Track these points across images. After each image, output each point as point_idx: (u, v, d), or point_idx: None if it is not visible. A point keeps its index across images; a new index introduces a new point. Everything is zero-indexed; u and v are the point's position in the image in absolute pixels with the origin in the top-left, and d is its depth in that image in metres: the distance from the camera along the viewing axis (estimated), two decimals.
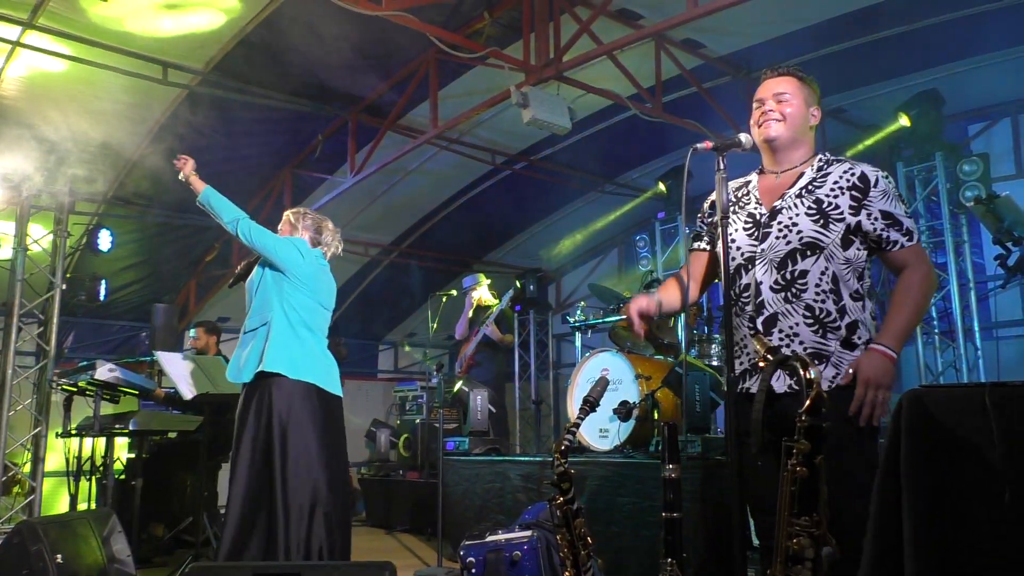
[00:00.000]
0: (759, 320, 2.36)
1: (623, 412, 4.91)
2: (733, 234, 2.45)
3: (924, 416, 1.98)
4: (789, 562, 1.86)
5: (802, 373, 1.91)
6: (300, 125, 7.12)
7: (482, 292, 7.89)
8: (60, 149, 6.08)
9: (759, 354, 2.06)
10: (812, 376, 1.90)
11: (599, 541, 2.65)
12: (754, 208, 2.46)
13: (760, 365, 2.07)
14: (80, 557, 4.21)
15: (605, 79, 6.15)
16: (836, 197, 2.33)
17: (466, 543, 3.39)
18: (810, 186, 2.38)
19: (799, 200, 2.37)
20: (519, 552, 3.20)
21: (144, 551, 5.47)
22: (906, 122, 6.51)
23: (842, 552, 1.85)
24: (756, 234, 2.41)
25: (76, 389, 5.46)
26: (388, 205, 8.65)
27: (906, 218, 2.34)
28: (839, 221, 2.31)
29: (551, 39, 5.56)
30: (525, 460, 5.43)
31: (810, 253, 2.32)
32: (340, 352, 10.41)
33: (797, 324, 2.31)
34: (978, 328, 6.49)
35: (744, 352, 2.42)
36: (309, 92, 6.62)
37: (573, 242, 9.45)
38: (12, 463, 5.84)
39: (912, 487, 1.94)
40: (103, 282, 6.99)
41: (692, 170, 2.39)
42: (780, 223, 2.37)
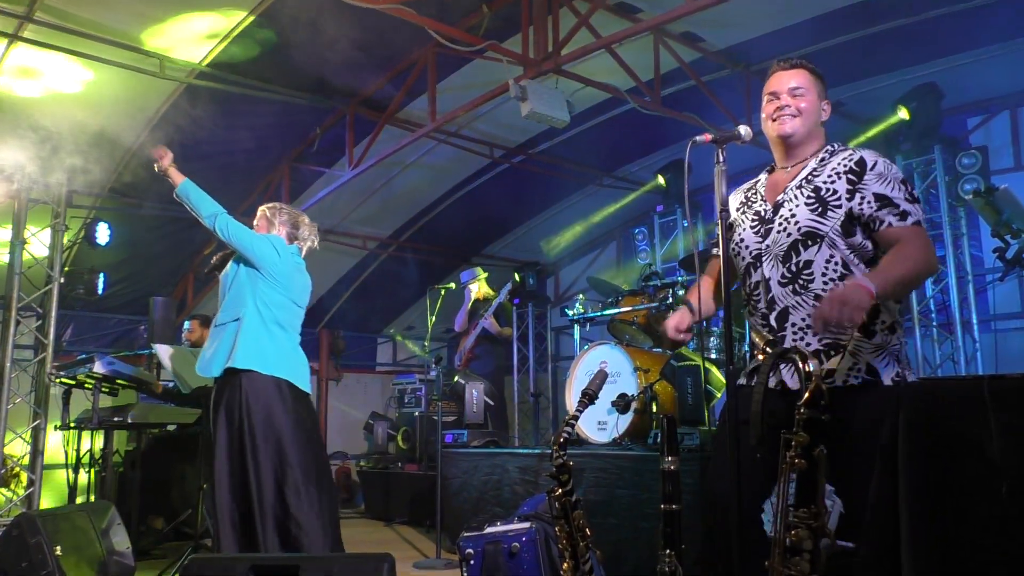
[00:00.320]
0: (772, 316, 2.33)
1: (621, 405, 4.92)
2: (741, 233, 2.45)
3: (922, 408, 1.99)
4: (787, 553, 1.87)
5: (801, 366, 1.92)
6: (298, 118, 7.10)
7: (480, 286, 7.89)
8: (57, 141, 6.08)
9: (759, 348, 2.06)
10: (811, 369, 1.90)
11: (597, 533, 2.65)
12: (760, 206, 2.44)
13: (760, 358, 2.08)
14: (79, 549, 4.21)
15: (604, 72, 6.14)
16: (833, 183, 2.30)
17: (465, 535, 3.40)
18: (810, 176, 2.36)
19: (799, 191, 2.35)
20: (518, 544, 3.21)
21: (143, 543, 5.48)
22: (905, 115, 6.50)
23: (841, 544, 1.86)
24: (760, 231, 2.40)
25: (75, 382, 5.46)
26: (386, 198, 8.63)
27: (906, 202, 2.24)
28: (837, 208, 2.27)
29: (549, 32, 5.55)
30: (523, 452, 5.44)
31: (811, 242, 2.28)
32: (338, 345, 10.49)
33: (808, 316, 2.26)
34: (976, 321, 6.50)
35: (755, 349, 2.40)
36: (307, 85, 6.61)
37: (571, 235, 9.44)
38: (11, 456, 5.85)
39: (910, 479, 1.95)
40: (101, 275, 6.99)
41: (692, 163, 2.39)
42: (781, 216, 2.36)
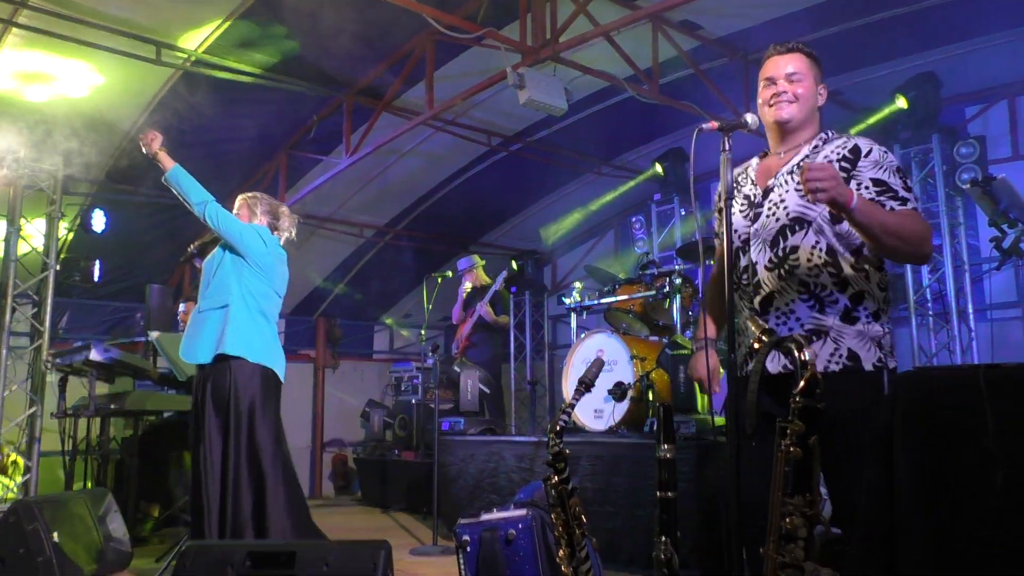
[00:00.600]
0: (756, 300, 2.36)
1: (618, 393, 4.94)
2: (732, 217, 2.45)
3: (918, 397, 1.99)
4: (782, 540, 1.88)
5: (797, 354, 1.92)
6: (295, 106, 7.07)
7: (477, 273, 7.90)
8: (51, 126, 6.06)
9: (754, 336, 2.07)
10: (807, 357, 1.91)
11: (593, 520, 2.67)
12: (749, 190, 2.45)
13: (755, 347, 2.08)
14: (76, 536, 4.23)
15: (602, 60, 6.12)
16: None
17: (461, 522, 3.41)
18: (802, 162, 2.35)
19: (789, 176, 2.36)
20: (514, 531, 3.22)
21: (140, 530, 5.50)
22: (904, 104, 6.49)
23: (835, 532, 1.87)
24: (750, 215, 2.41)
25: (71, 369, 5.46)
26: (383, 186, 8.61)
27: (902, 188, 2.26)
28: None
29: (547, 20, 5.52)
30: (520, 440, 5.46)
31: (799, 228, 2.30)
32: (335, 333, 10.48)
33: (793, 301, 2.30)
34: (972, 310, 6.51)
35: (745, 334, 2.41)
36: (305, 73, 6.58)
37: (569, 224, 9.43)
38: (8, 443, 5.85)
39: (905, 468, 1.96)
40: (97, 263, 6.97)
41: (688, 152, 2.39)
42: (771, 201, 2.37)
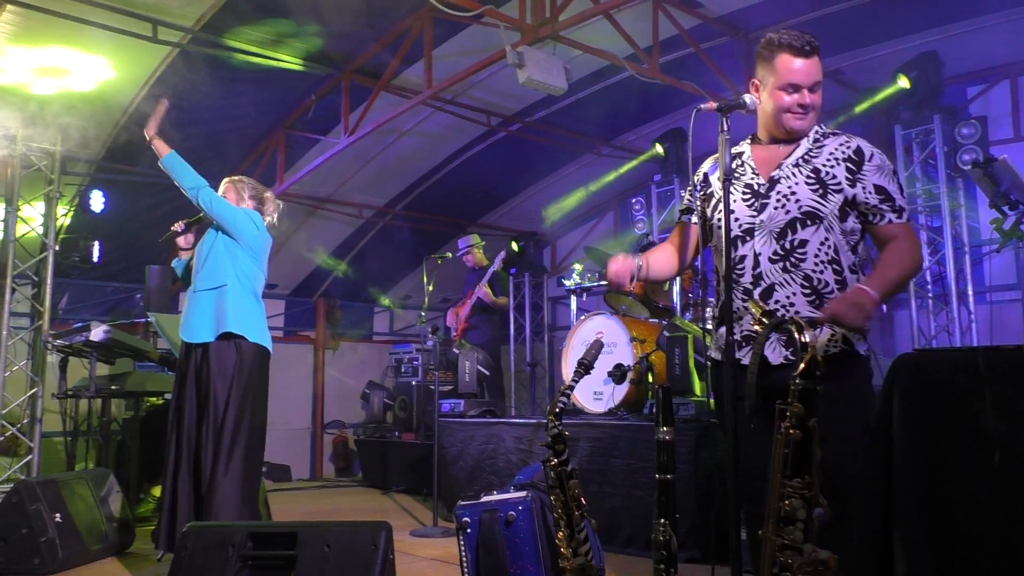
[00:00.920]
0: (756, 291, 2.35)
1: (617, 375, 4.94)
2: (732, 205, 2.42)
3: (917, 379, 2.00)
4: (781, 523, 1.88)
5: (797, 337, 1.92)
6: (293, 85, 7.03)
7: (476, 253, 7.90)
8: (49, 105, 6.04)
9: (755, 318, 2.06)
10: (808, 339, 1.90)
11: (592, 502, 2.68)
12: (751, 178, 2.43)
13: (757, 329, 2.08)
14: (78, 516, 4.25)
15: (602, 39, 6.07)
16: (832, 167, 2.32)
17: (461, 504, 3.42)
18: (806, 156, 2.36)
19: (797, 169, 2.35)
20: (514, 513, 3.23)
21: (141, 510, 5.52)
22: (906, 84, 6.46)
23: (834, 513, 1.88)
24: (755, 204, 2.39)
25: (71, 350, 5.47)
26: (382, 166, 8.58)
27: (899, 196, 2.33)
28: (837, 192, 2.30)
29: None
30: (519, 422, 5.47)
31: (810, 223, 2.31)
32: (335, 314, 10.48)
33: (794, 294, 2.31)
34: (972, 292, 6.50)
35: (738, 323, 2.39)
36: (303, 51, 6.53)
37: (568, 204, 9.41)
38: (9, 424, 5.87)
39: (904, 449, 1.96)
40: (96, 243, 6.96)
41: (688, 132, 2.38)
42: (779, 192, 2.35)
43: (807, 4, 5.93)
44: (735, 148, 2.53)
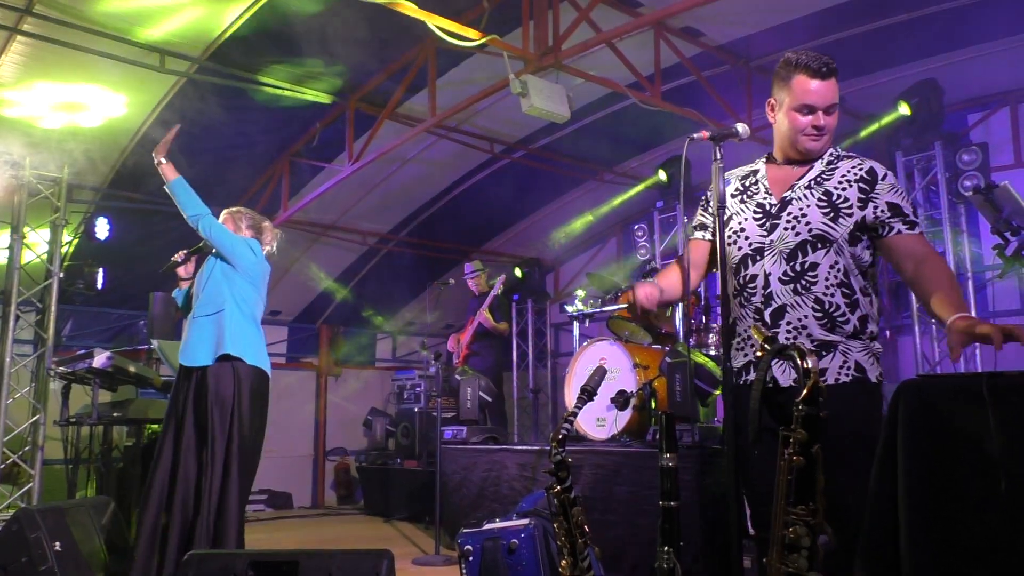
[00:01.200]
0: (767, 312, 2.34)
1: (620, 401, 4.92)
2: (743, 223, 2.43)
3: (921, 406, 1.98)
4: (785, 550, 1.87)
5: (799, 363, 1.91)
6: (298, 113, 7.09)
7: (479, 279, 7.92)
8: (58, 133, 6.09)
9: (758, 344, 2.06)
10: (810, 366, 1.90)
11: (596, 529, 2.66)
12: (764, 198, 2.43)
13: (759, 355, 2.07)
14: (79, 544, 4.22)
15: (604, 67, 6.13)
16: (844, 190, 2.32)
17: (464, 531, 3.40)
18: (819, 178, 2.37)
19: (808, 191, 2.35)
20: (516, 540, 3.21)
21: None
22: (907, 111, 6.50)
23: (840, 541, 1.86)
24: (766, 224, 2.39)
25: (74, 377, 5.46)
26: (386, 194, 8.62)
27: (911, 213, 2.33)
28: (848, 216, 2.30)
29: (550, 27, 5.53)
30: (522, 449, 5.44)
31: (820, 246, 2.30)
32: (338, 340, 10.48)
33: (806, 316, 2.29)
34: None
35: (747, 344, 2.40)
36: (308, 80, 6.60)
37: (571, 231, 9.44)
38: (10, 451, 5.85)
39: (909, 477, 1.95)
40: (101, 270, 6.98)
41: (692, 159, 2.40)
42: (790, 214, 2.35)
43: (808, 32, 5.99)
44: (751, 165, 2.55)
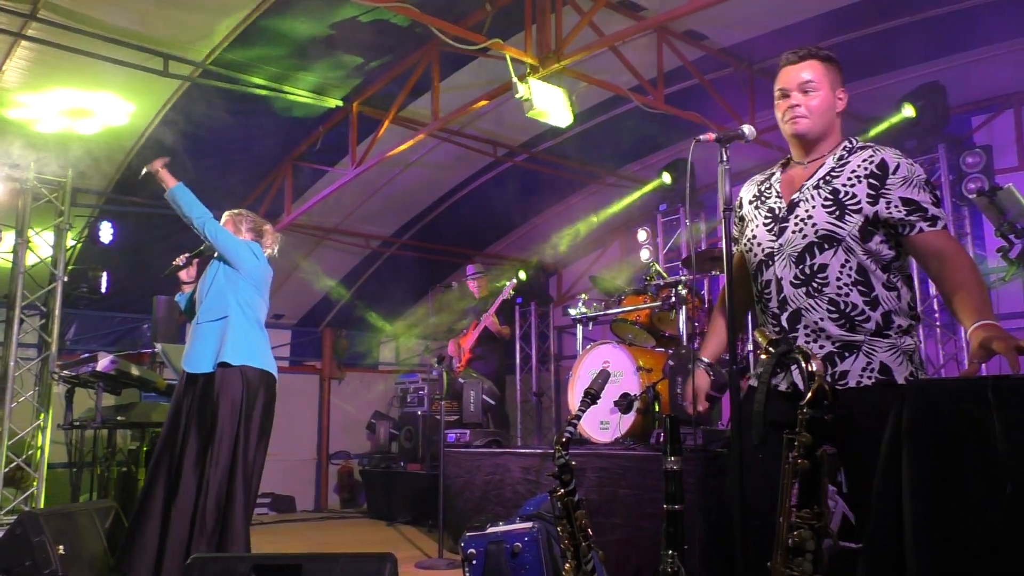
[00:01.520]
0: (783, 317, 2.30)
1: (624, 404, 4.91)
2: (755, 229, 2.41)
3: (926, 409, 1.98)
4: (790, 554, 1.86)
5: (804, 365, 1.91)
6: (301, 117, 7.10)
7: (482, 282, 7.92)
8: (62, 137, 6.10)
9: (761, 347, 2.06)
10: (815, 369, 1.90)
11: (599, 533, 2.65)
12: (774, 202, 2.40)
13: (763, 358, 2.07)
14: (83, 548, 4.22)
15: (607, 71, 6.13)
16: (853, 186, 2.25)
17: (467, 535, 3.40)
18: (828, 176, 2.31)
19: (816, 192, 2.30)
20: (520, 544, 3.21)
21: None
22: (911, 113, 6.49)
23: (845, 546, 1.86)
24: (775, 229, 2.36)
25: (78, 381, 5.47)
26: (389, 197, 8.63)
27: (932, 206, 2.21)
28: (856, 212, 2.23)
29: (553, 31, 5.54)
30: (526, 452, 5.43)
31: (828, 246, 2.24)
32: (341, 344, 10.48)
33: (822, 319, 2.24)
34: None
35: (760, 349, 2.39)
36: (310, 84, 6.61)
37: (574, 234, 9.43)
38: (14, 455, 5.86)
39: (914, 481, 1.94)
40: (105, 274, 6.99)
41: (695, 162, 2.38)
42: (797, 216, 2.31)
43: (811, 35, 5.98)
44: (770, 170, 2.52)
